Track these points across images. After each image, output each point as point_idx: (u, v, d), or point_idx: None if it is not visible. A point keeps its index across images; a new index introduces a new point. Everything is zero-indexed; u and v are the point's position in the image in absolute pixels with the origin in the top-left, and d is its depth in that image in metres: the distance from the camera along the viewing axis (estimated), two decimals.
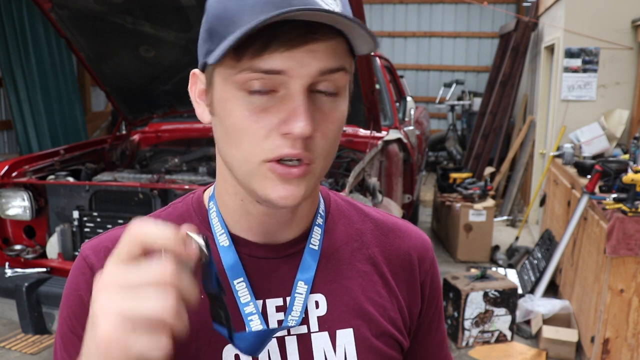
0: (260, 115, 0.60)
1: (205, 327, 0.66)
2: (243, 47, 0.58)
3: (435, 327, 0.84)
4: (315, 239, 0.73)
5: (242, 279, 0.69)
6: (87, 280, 0.69)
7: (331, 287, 0.72)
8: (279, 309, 0.70)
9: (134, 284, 0.47)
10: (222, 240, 0.70)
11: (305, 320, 0.70)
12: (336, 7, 0.59)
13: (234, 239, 0.71)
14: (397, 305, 0.76)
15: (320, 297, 0.72)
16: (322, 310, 0.71)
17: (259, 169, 0.62)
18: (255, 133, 0.60)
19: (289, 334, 0.70)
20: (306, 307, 0.70)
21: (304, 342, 0.70)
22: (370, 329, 0.73)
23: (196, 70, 0.67)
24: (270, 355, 0.69)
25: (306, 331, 0.70)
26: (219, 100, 0.63)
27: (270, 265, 0.71)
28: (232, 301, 0.68)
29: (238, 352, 0.67)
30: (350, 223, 0.78)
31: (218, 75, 0.63)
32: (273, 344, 0.69)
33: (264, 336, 0.66)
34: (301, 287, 0.70)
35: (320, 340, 0.71)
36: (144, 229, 0.48)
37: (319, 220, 0.74)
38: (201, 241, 0.52)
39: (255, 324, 0.67)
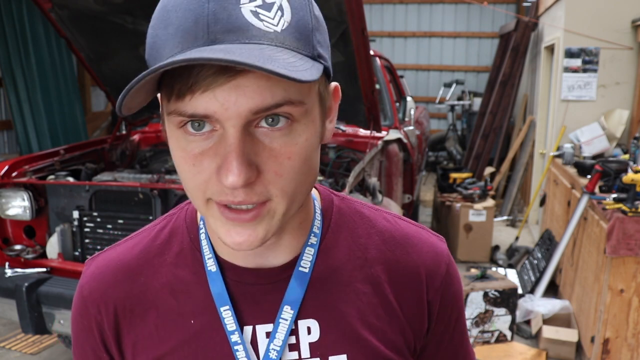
0: (197, 159, 0.54)
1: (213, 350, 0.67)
2: (169, 87, 0.53)
3: (448, 339, 0.78)
4: (307, 261, 0.68)
5: (227, 307, 0.66)
6: (83, 309, 0.73)
7: (325, 311, 0.68)
8: (268, 335, 0.67)
9: None
10: (210, 265, 0.68)
11: (295, 347, 0.67)
12: (280, 22, 0.52)
13: (223, 263, 0.68)
14: (398, 327, 0.71)
15: (313, 323, 0.68)
16: (315, 336, 0.67)
17: (208, 208, 0.57)
18: (194, 178, 0.55)
19: None
20: (293, 332, 0.67)
21: None
22: (366, 355, 0.68)
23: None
24: None
25: (297, 358, 0.67)
26: (167, 134, 0.59)
27: (261, 291, 0.67)
28: (221, 329, 0.67)
29: None
30: (354, 237, 0.72)
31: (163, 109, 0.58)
32: None
33: None
34: (287, 312, 0.66)
35: None
36: None
37: (312, 240, 0.69)
38: None
39: (241, 355, 0.66)
